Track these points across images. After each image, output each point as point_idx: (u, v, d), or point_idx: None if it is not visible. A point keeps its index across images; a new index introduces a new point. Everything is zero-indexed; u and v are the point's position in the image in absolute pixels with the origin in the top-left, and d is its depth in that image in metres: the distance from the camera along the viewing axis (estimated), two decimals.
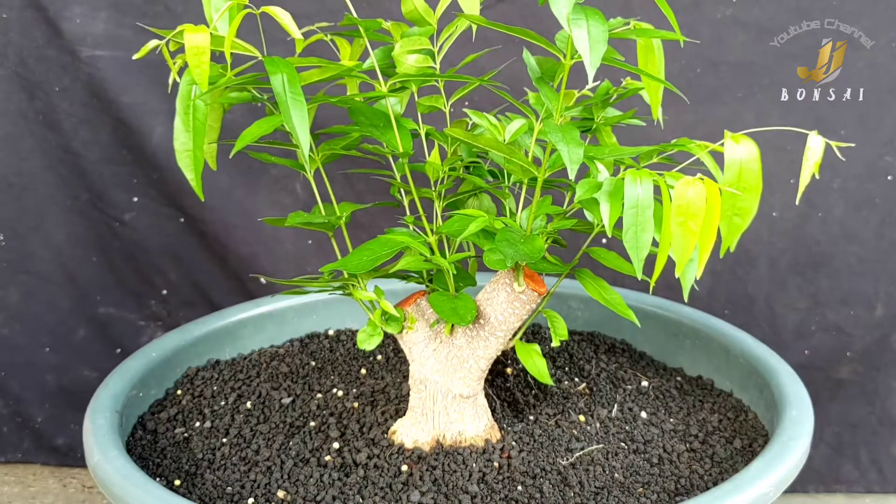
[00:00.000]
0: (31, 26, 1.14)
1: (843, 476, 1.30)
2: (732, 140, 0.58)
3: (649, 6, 1.13)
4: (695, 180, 0.56)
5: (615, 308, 0.70)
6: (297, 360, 0.96)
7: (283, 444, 0.78)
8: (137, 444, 0.81)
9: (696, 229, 0.56)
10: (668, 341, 0.95)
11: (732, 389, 0.87)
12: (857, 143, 1.15)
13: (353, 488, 0.70)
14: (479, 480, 0.69)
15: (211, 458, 0.78)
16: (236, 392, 0.89)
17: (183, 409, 0.87)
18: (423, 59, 0.69)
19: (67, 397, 1.31)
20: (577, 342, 0.97)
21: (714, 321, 0.93)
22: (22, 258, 1.25)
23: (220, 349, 0.98)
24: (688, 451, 0.75)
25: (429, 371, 0.73)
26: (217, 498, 0.71)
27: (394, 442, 0.75)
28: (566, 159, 0.59)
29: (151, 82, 1.17)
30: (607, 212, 0.59)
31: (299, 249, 1.26)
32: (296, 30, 0.59)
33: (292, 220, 0.72)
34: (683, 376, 0.91)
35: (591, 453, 0.73)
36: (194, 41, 0.57)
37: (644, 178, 0.57)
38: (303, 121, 0.57)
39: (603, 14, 0.57)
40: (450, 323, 0.71)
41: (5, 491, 1.32)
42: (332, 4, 1.12)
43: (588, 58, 0.55)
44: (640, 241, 0.57)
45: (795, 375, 0.80)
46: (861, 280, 1.21)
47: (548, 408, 0.81)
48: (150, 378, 0.89)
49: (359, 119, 0.70)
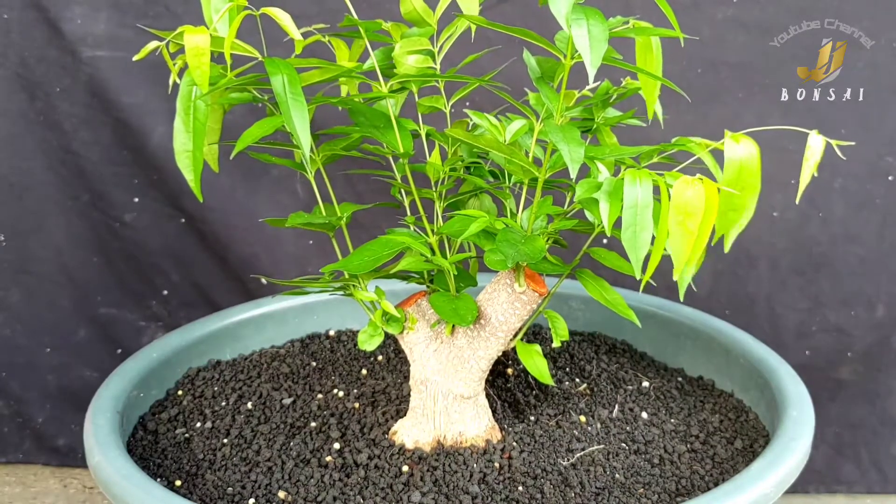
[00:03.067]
0: (31, 27, 1.14)
1: (844, 476, 1.30)
2: (732, 139, 0.59)
3: (650, 6, 1.13)
4: (694, 180, 0.56)
5: (616, 308, 0.70)
6: (298, 360, 0.96)
7: (284, 445, 0.78)
8: (138, 445, 0.81)
9: (695, 229, 0.56)
10: (669, 342, 0.95)
11: (733, 390, 0.87)
12: (858, 143, 1.15)
13: (354, 489, 0.70)
14: (480, 481, 0.69)
15: (212, 458, 0.78)
16: (237, 392, 0.89)
17: (184, 410, 0.87)
18: (424, 60, 0.69)
19: (68, 398, 1.31)
20: (579, 343, 0.97)
21: (715, 321, 0.93)
22: (22, 258, 1.25)
23: (220, 350, 0.98)
24: (689, 451, 0.75)
25: (429, 372, 0.73)
26: (218, 498, 0.71)
27: (395, 442, 0.75)
28: (567, 159, 0.59)
29: (152, 83, 1.17)
30: (606, 211, 0.59)
31: (300, 250, 1.26)
32: (295, 31, 0.59)
33: (293, 221, 0.72)
34: (684, 377, 0.91)
35: (592, 454, 0.73)
36: (194, 42, 0.57)
37: (643, 178, 0.58)
38: (303, 121, 0.57)
39: (603, 14, 0.57)
40: (451, 323, 0.71)
41: (6, 491, 1.32)
42: (333, 5, 1.12)
43: (588, 57, 0.55)
44: (639, 240, 0.58)
45: (796, 376, 0.80)
46: (862, 280, 1.21)
47: (549, 408, 0.81)
48: (151, 378, 0.89)
49: (359, 120, 0.70)
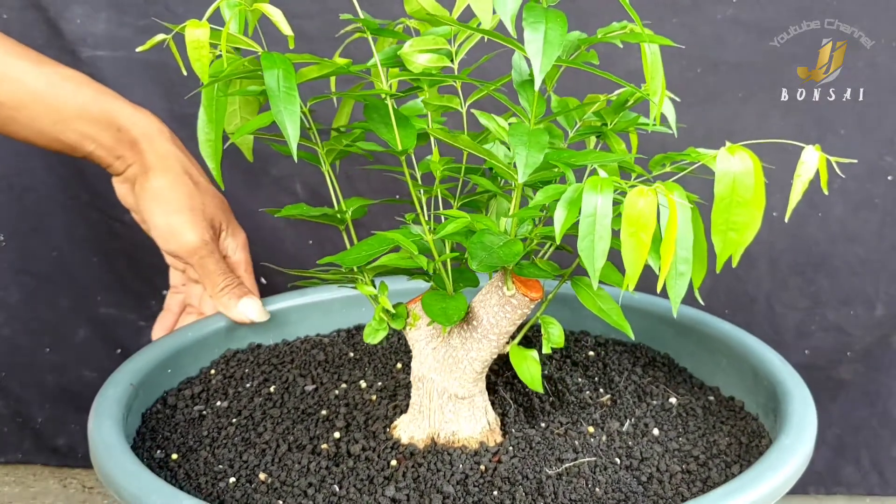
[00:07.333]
0: (31, 27, 1.15)
1: (844, 478, 1.30)
2: (727, 152, 0.56)
3: (650, 6, 1.13)
4: (647, 190, 0.54)
5: (607, 318, 0.68)
6: (338, 350, 0.95)
7: (288, 429, 0.78)
8: (153, 417, 0.82)
9: (647, 241, 0.53)
10: (706, 358, 0.89)
11: (758, 413, 0.81)
12: (857, 143, 1.16)
13: (336, 477, 0.70)
14: (459, 482, 0.68)
15: (215, 436, 0.79)
16: (264, 376, 0.89)
17: (209, 388, 0.87)
18: (438, 59, 0.67)
19: (68, 398, 1.32)
20: (620, 353, 0.93)
21: (748, 339, 0.86)
22: (22, 258, 1.26)
23: (264, 334, 0.97)
24: (682, 472, 0.72)
25: (427, 369, 0.73)
26: (202, 474, 0.72)
27: (392, 437, 0.75)
28: (520, 163, 0.57)
29: (152, 82, 1.17)
30: (561, 219, 0.56)
31: (299, 250, 1.27)
32: (286, 27, 0.60)
33: (291, 211, 0.73)
34: (717, 396, 0.86)
35: (581, 465, 0.71)
36: (195, 35, 0.59)
37: (605, 187, 0.55)
38: (293, 115, 0.58)
39: (567, 19, 0.55)
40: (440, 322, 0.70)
41: (6, 491, 1.32)
42: (333, 4, 1.13)
43: (538, 64, 0.53)
44: (597, 249, 0.55)
45: (808, 400, 0.74)
46: (861, 280, 1.21)
47: (562, 416, 0.79)
48: (184, 357, 0.89)
49: (371, 116, 0.70)
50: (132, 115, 0.89)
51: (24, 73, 0.86)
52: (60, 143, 0.89)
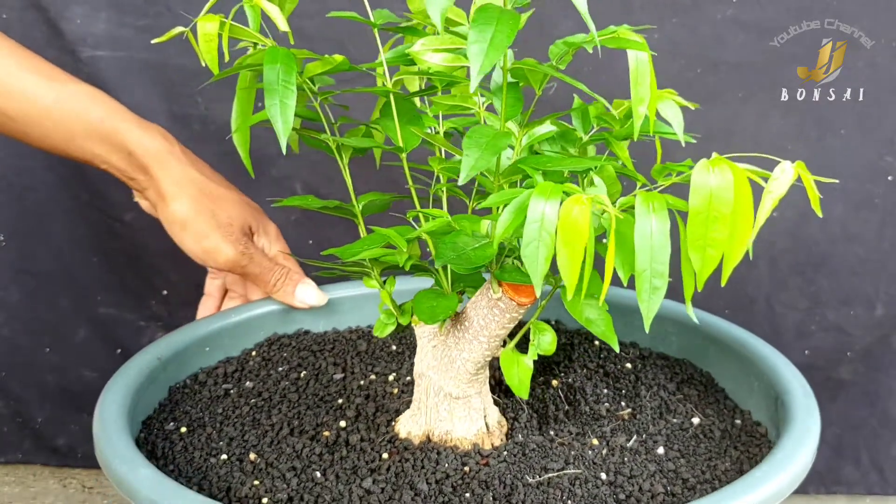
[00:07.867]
0: (31, 27, 1.15)
1: (844, 477, 1.30)
2: (703, 167, 0.53)
3: (650, 6, 1.13)
4: (583, 199, 0.52)
5: (594, 328, 0.66)
6: (382, 342, 0.95)
7: (298, 414, 0.79)
8: (179, 392, 0.83)
9: (580, 249, 0.52)
10: (743, 380, 0.85)
11: (773, 440, 0.77)
12: (857, 143, 1.16)
13: (323, 464, 0.71)
14: (438, 481, 0.68)
15: (229, 413, 0.80)
16: (299, 361, 0.90)
17: (244, 369, 0.88)
18: (454, 59, 0.66)
19: (68, 398, 1.32)
20: (659, 367, 0.90)
21: (778, 359, 0.82)
22: (22, 258, 1.26)
23: (314, 322, 0.98)
24: (665, 494, 0.69)
25: (426, 366, 0.74)
26: (197, 449, 0.74)
27: (393, 430, 0.76)
28: (465, 164, 0.57)
29: (152, 82, 1.17)
30: (504, 224, 0.56)
31: (299, 250, 1.26)
32: (283, 23, 0.61)
33: (297, 202, 0.75)
34: (745, 419, 0.81)
35: (562, 477, 0.69)
36: (206, 29, 0.62)
37: (553, 194, 0.53)
38: (287, 109, 0.59)
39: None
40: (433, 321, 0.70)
41: (5, 491, 1.32)
42: (333, 4, 1.13)
43: (477, 65, 0.52)
44: (540, 256, 0.54)
45: (813, 434, 0.70)
46: (861, 280, 1.21)
47: (573, 426, 0.78)
48: (226, 337, 0.90)
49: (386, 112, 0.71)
50: (141, 138, 0.88)
51: (35, 88, 0.85)
52: (77, 159, 0.89)
